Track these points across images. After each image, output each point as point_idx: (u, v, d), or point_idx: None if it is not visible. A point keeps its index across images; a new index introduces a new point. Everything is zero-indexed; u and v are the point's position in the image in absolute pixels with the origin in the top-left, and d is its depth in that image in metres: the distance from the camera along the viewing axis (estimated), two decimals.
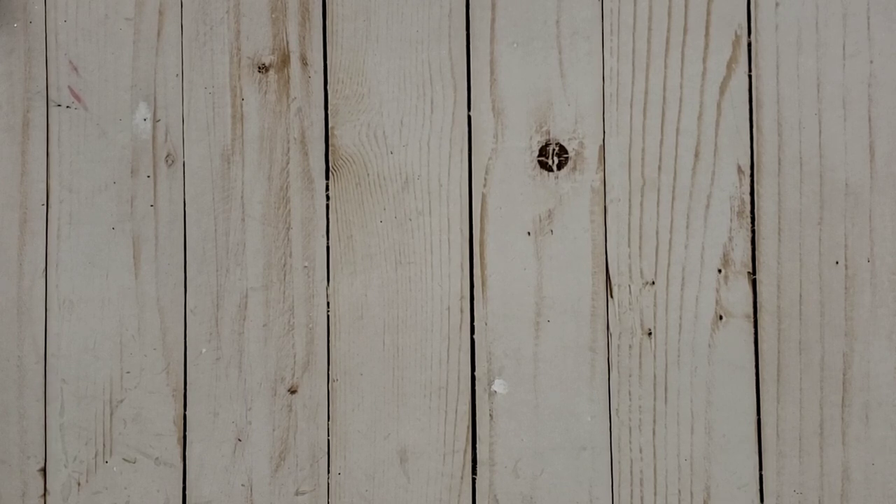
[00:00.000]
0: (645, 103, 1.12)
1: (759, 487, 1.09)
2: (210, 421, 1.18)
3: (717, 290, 1.10)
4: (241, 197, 1.18)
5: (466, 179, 1.15)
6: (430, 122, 1.15)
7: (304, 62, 1.18)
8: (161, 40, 1.21)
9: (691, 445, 1.10)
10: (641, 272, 1.11)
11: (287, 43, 1.19)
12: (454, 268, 1.14)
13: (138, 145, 1.21)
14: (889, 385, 1.07)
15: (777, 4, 1.10)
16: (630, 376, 1.11)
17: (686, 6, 1.12)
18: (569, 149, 1.13)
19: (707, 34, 1.11)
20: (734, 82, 1.11)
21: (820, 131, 1.09)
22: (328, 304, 1.16)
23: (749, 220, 1.10)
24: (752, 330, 1.09)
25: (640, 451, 1.10)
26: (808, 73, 1.10)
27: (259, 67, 1.19)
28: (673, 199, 1.11)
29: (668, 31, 1.12)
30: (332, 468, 1.16)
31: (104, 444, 1.20)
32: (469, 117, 1.15)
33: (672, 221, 1.11)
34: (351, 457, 1.15)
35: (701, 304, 1.10)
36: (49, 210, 1.22)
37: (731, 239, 1.10)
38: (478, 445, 1.13)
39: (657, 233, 1.11)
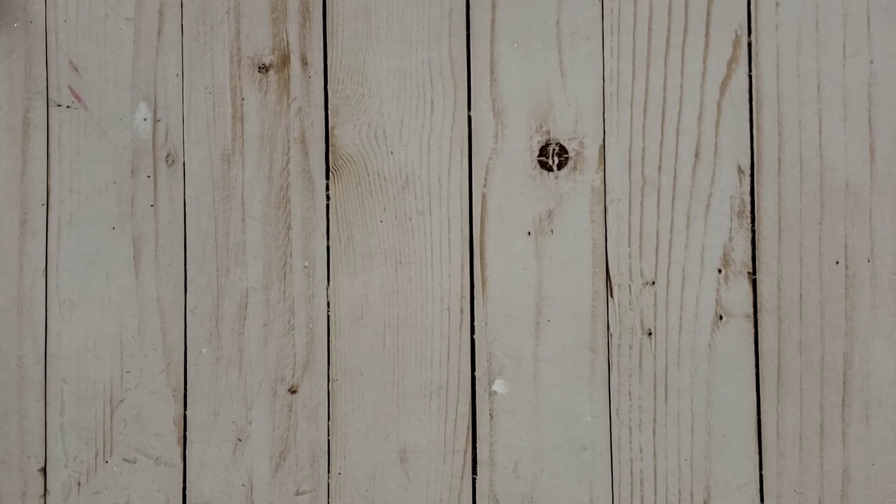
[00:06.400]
0: (645, 103, 1.12)
1: (759, 487, 1.09)
2: (210, 421, 1.18)
3: (717, 290, 1.10)
4: (241, 197, 1.18)
5: (466, 179, 1.15)
6: (430, 122, 1.15)
7: (305, 62, 1.18)
8: (161, 40, 1.21)
9: (691, 445, 1.10)
10: (641, 272, 1.11)
11: (287, 43, 1.19)
12: (454, 268, 1.14)
13: (138, 145, 1.21)
14: (889, 385, 1.07)
15: (777, 4, 1.10)
16: (630, 376, 1.11)
17: (686, 6, 1.12)
18: (569, 149, 1.13)
19: (707, 34, 1.11)
20: (734, 82, 1.11)
21: (820, 131, 1.09)
22: (328, 304, 1.16)
23: (749, 220, 1.10)
24: (752, 330, 1.09)
25: (640, 451, 1.10)
26: (808, 73, 1.10)
27: (259, 67, 1.19)
28: (673, 199, 1.11)
29: (669, 31, 1.12)
30: (332, 468, 1.15)
31: (104, 444, 1.20)
32: (469, 117, 1.15)
33: (672, 221, 1.11)
34: (351, 457, 1.15)
35: (701, 304, 1.10)
36: (49, 210, 1.22)
37: (731, 239, 1.10)
38: (478, 445, 1.13)
39: (657, 233, 1.11)
